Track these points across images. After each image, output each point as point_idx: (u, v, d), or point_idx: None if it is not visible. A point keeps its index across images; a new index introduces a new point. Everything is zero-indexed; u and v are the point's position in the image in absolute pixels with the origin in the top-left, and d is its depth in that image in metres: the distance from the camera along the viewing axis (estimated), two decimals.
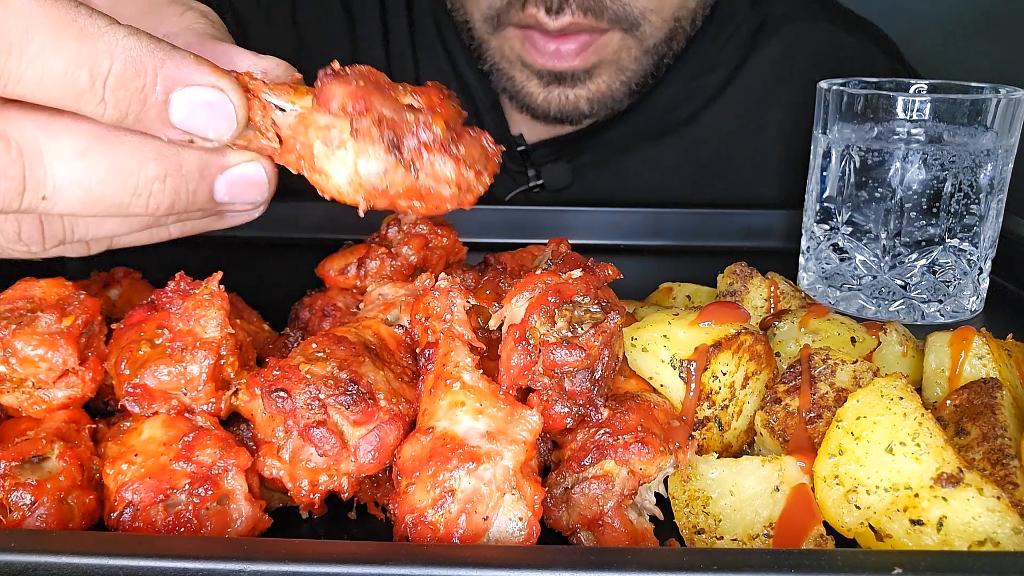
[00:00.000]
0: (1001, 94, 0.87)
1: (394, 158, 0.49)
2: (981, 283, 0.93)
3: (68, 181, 0.49)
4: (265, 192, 0.56)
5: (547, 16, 1.08)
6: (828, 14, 1.37)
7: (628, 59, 1.17)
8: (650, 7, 1.12)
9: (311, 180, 0.52)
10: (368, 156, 0.49)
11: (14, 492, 0.53)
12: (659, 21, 1.14)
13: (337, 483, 0.57)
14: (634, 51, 1.16)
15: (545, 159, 1.34)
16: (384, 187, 0.50)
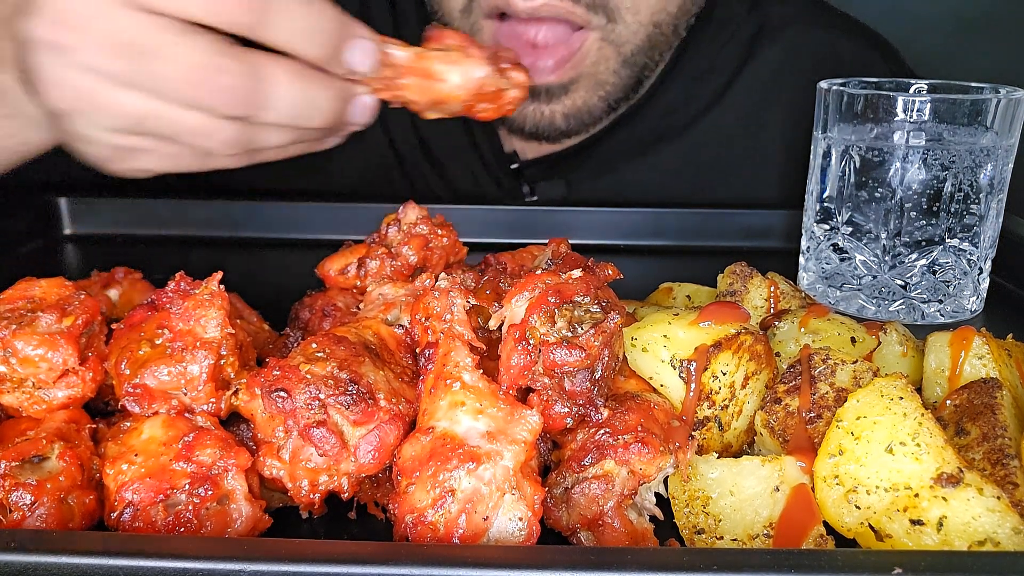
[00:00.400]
0: (1001, 94, 0.87)
1: (493, 68, 0.77)
2: (981, 283, 0.93)
3: (280, 97, 0.69)
4: (370, 116, 0.77)
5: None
6: (826, 19, 1.36)
7: (606, 72, 1.14)
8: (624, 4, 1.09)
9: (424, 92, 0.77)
10: (477, 66, 0.76)
11: (14, 492, 0.53)
12: (635, 24, 1.10)
13: (337, 483, 0.57)
14: (612, 62, 1.13)
15: (540, 175, 1.32)
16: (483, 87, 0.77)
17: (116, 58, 0.67)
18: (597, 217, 1.17)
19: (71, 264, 1.12)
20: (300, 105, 0.71)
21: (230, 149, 0.73)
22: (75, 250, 1.16)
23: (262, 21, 0.68)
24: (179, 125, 0.70)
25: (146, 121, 0.70)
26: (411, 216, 0.80)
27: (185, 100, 0.69)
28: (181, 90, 0.68)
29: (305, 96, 0.71)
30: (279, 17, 0.68)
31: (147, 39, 0.67)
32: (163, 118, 0.70)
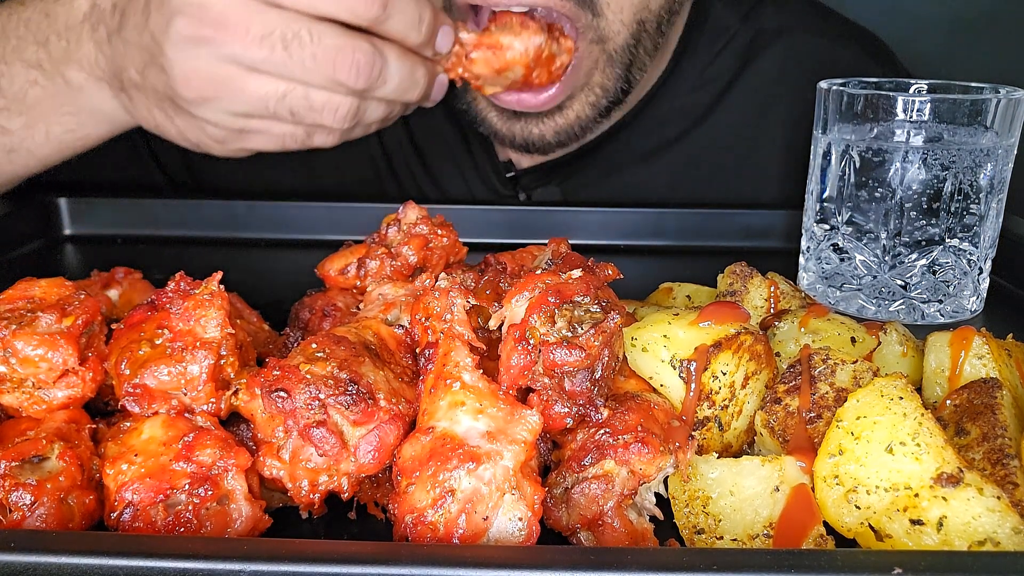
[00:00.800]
0: (1001, 94, 0.87)
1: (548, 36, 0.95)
2: (981, 283, 0.93)
3: (392, 74, 0.84)
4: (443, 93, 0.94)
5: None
6: (822, 25, 1.35)
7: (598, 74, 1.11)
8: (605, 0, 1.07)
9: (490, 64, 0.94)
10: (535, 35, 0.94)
11: (14, 492, 0.53)
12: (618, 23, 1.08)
13: (337, 483, 0.57)
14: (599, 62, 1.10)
15: (535, 183, 1.31)
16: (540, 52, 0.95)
17: (258, 47, 0.79)
18: (597, 217, 1.17)
19: (71, 264, 1.12)
20: (406, 81, 0.86)
21: (344, 123, 0.85)
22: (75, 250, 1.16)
23: (383, 15, 0.81)
24: (308, 102, 0.82)
25: (278, 102, 0.82)
26: (411, 216, 0.80)
27: (322, 78, 0.81)
28: (321, 70, 0.80)
29: (410, 73, 0.86)
30: (395, 10, 0.81)
31: (289, 28, 0.79)
32: (294, 98, 0.82)
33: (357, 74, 0.81)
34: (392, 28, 0.82)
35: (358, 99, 0.84)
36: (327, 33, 0.79)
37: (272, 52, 0.79)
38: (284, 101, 0.82)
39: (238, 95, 0.81)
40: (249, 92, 0.81)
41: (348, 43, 0.80)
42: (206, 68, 0.80)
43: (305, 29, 0.79)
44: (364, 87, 0.82)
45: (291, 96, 0.82)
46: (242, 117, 0.84)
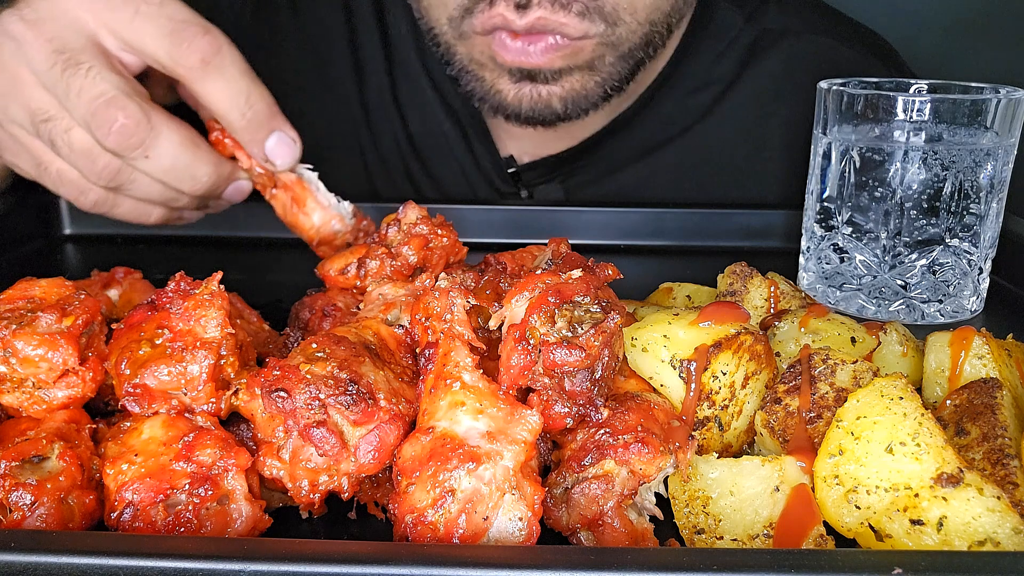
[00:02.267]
0: (1001, 94, 0.87)
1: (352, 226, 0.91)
2: (981, 283, 0.93)
3: (162, 154, 0.78)
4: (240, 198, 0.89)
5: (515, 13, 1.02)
6: (826, 25, 1.34)
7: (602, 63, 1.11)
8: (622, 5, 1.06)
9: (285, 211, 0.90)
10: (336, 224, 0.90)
11: (14, 492, 0.53)
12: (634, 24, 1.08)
13: (337, 483, 0.57)
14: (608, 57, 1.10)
15: (537, 180, 1.31)
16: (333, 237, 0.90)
17: (48, 59, 0.77)
18: (597, 217, 1.17)
19: (71, 264, 1.12)
20: (179, 170, 0.80)
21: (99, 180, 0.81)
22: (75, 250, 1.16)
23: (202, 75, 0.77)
24: (67, 139, 0.79)
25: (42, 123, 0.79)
26: (411, 216, 0.80)
27: (82, 119, 0.77)
28: (81, 108, 0.77)
29: (187, 163, 0.80)
30: (217, 75, 0.78)
31: (80, 55, 0.77)
32: (58, 127, 0.79)
33: (108, 133, 0.76)
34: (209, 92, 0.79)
35: (118, 161, 0.79)
36: (108, 80, 0.76)
37: (51, 68, 0.76)
38: (47, 126, 0.79)
39: (15, 99, 0.79)
40: (23, 100, 0.79)
41: (119, 99, 0.76)
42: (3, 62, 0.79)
43: (89, 65, 0.76)
44: (114, 149, 0.77)
45: (54, 124, 0.79)
46: (11, 123, 0.82)
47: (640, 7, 1.06)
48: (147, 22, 0.77)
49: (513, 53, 1.05)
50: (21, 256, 1.11)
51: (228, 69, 0.78)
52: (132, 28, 0.77)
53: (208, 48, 0.77)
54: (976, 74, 0.99)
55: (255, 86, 0.80)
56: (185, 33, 0.77)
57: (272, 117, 0.81)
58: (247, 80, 0.79)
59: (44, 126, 0.79)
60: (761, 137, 1.30)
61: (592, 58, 1.09)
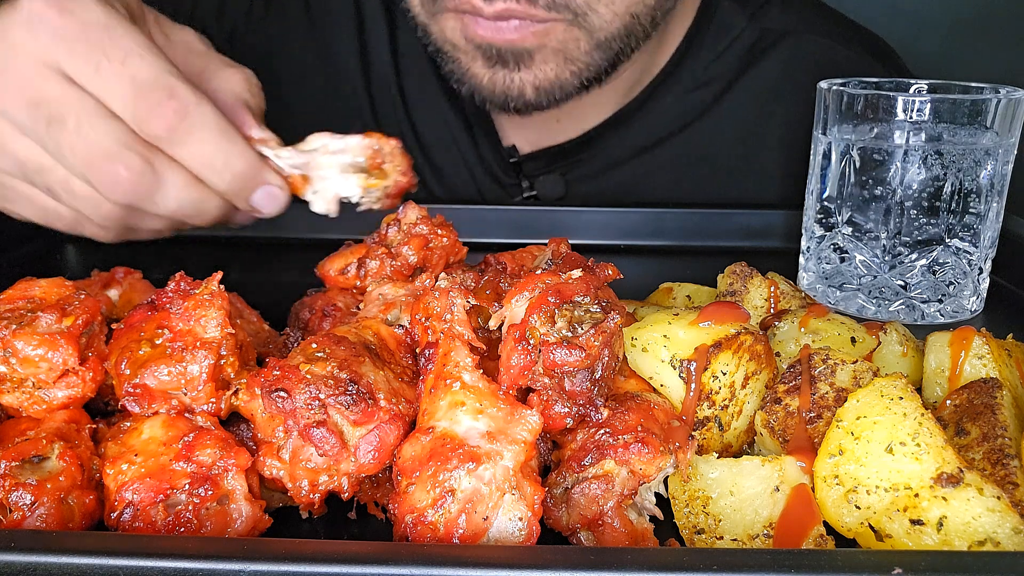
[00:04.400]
0: (1001, 94, 0.87)
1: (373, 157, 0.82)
2: (981, 283, 0.93)
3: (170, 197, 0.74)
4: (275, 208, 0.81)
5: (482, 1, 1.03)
6: (827, 26, 1.35)
7: (577, 51, 1.11)
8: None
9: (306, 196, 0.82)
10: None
11: (14, 492, 0.53)
12: (610, 15, 1.07)
13: (337, 483, 0.57)
14: (583, 44, 1.10)
15: (538, 171, 1.32)
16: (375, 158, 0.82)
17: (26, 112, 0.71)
18: (597, 217, 1.17)
19: (71, 264, 1.12)
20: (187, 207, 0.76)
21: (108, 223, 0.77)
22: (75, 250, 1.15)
23: (173, 138, 0.72)
24: (67, 187, 0.74)
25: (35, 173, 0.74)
26: (411, 216, 0.80)
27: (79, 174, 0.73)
28: (77, 164, 0.72)
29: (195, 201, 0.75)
30: (193, 139, 0.72)
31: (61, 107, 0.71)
32: (53, 177, 0.74)
33: (114, 187, 0.72)
34: (183, 157, 0.73)
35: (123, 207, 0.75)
36: (99, 130, 0.71)
37: (35, 123, 0.71)
38: (42, 176, 0.74)
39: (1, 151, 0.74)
40: (9, 151, 0.74)
41: (117, 152, 0.71)
42: None
43: (75, 117, 0.70)
44: (122, 202, 0.73)
45: (50, 174, 0.74)
46: (6, 175, 0.76)
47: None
48: (110, 80, 0.71)
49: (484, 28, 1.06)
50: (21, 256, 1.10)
51: (197, 134, 0.72)
52: (96, 83, 0.71)
53: (173, 117, 0.71)
54: (976, 74, 0.99)
55: (231, 145, 0.74)
56: (149, 100, 0.70)
57: (253, 175, 0.75)
58: (221, 142, 0.73)
59: (39, 177, 0.75)
60: (761, 136, 1.31)
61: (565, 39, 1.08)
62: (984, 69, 1.56)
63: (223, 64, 0.82)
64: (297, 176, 0.80)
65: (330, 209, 0.82)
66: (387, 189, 0.81)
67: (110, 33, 0.71)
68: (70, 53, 0.71)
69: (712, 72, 1.30)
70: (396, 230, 0.79)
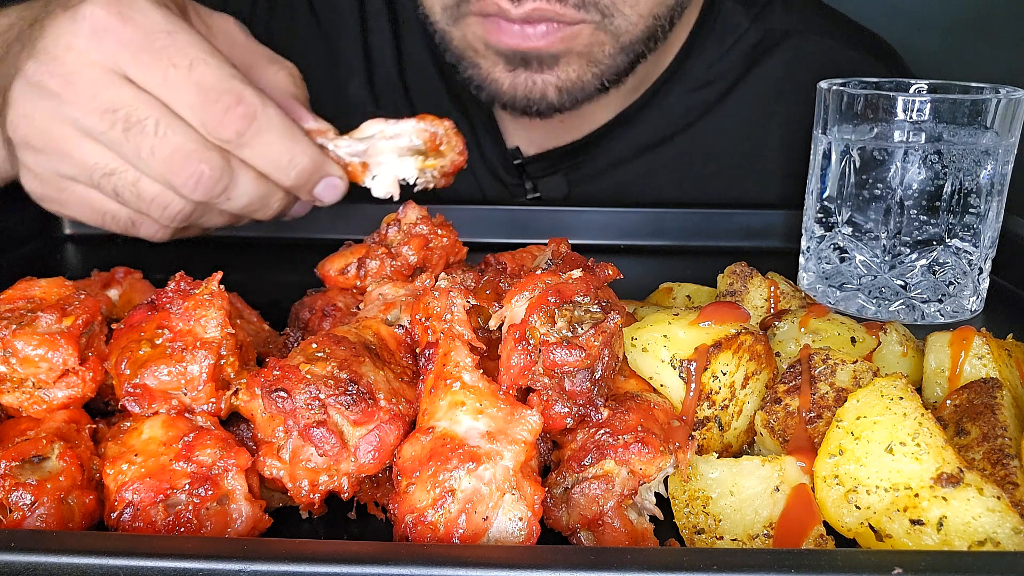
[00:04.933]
0: (1001, 94, 0.87)
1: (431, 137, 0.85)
2: (981, 283, 0.93)
3: (241, 192, 0.77)
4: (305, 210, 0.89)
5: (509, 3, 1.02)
6: (829, 27, 1.35)
7: (601, 54, 1.11)
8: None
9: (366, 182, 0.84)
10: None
11: (14, 492, 0.53)
12: (635, 16, 1.08)
13: (337, 483, 0.57)
14: (608, 48, 1.10)
15: (541, 172, 1.32)
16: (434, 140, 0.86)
17: (99, 118, 0.73)
18: (597, 217, 1.17)
19: (71, 264, 1.12)
20: (255, 204, 0.79)
21: (173, 223, 0.80)
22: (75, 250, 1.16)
23: (242, 141, 0.74)
24: (136, 189, 0.76)
25: (103, 177, 0.76)
26: (411, 216, 0.80)
27: (156, 174, 0.75)
28: (156, 166, 0.74)
29: (262, 198, 0.79)
30: (261, 141, 0.75)
31: (138, 111, 0.73)
32: (123, 180, 0.76)
33: (195, 186, 0.74)
34: (252, 159, 0.76)
35: (194, 205, 0.78)
36: (179, 132, 0.73)
37: (111, 128, 0.73)
38: (110, 179, 0.76)
39: (64, 157, 0.76)
40: (76, 157, 0.76)
41: (197, 151, 0.73)
42: (40, 119, 0.75)
43: (153, 120, 0.73)
44: (201, 200, 0.76)
45: (119, 177, 0.76)
46: (66, 179, 0.78)
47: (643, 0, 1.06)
48: (178, 87, 0.73)
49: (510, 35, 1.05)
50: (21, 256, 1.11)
51: (265, 136, 0.75)
52: (163, 90, 0.73)
53: (242, 122, 0.73)
54: (976, 74, 0.99)
55: (296, 144, 0.77)
56: (217, 106, 0.73)
57: (316, 169, 0.79)
58: (287, 141, 0.76)
59: (106, 180, 0.76)
60: (762, 136, 1.31)
61: (591, 43, 1.08)
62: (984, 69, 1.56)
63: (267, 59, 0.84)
64: (356, 164, 0.82)
65: (392, 192, 0.83)
66: (443, 168, 0.85)
67: (174, 39, 0.73)
68: (137, 61, 0.73)
69: (715, 72, 1.30)
70: (396, 230, 0.79)
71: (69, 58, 0.73)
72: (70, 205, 0.81)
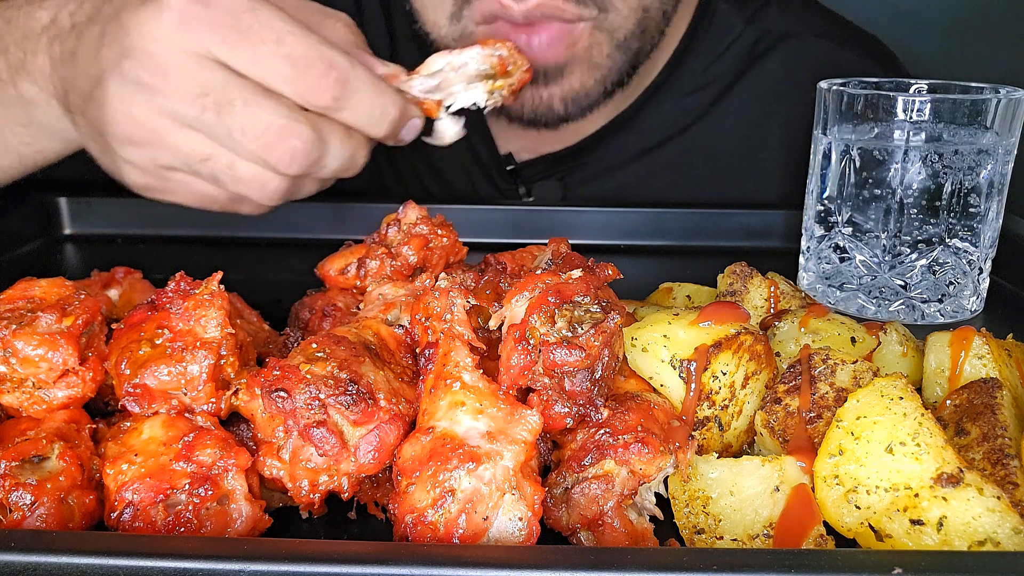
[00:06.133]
0: (1001, 94, 0.87)
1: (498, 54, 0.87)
2: (981, 283, 0.93)
3: (333, 157, 0.79)
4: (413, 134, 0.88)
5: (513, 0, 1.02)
6: (826, 28, 1.35)
7: (600, 56, 1.11)
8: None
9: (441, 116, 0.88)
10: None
11: (14, 492, 0.53)
12: (627, 10, 1.08)
13: (337, 483, 0.57)
14: (605, 47, 1.10)
15: (536, 177, 1.32)
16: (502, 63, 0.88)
17: (191, 104, 0.75)
18: (597, 217, 1.17)
19: (71, 264, 1.12)
20: (345, 161, 0.81)
21: (271, 201, 0.82)
22: (75, 250, 1.16)
23: (339, 105, 0.77)
24: (233, 171, 0.79)
25: (200, 163, 0.79)
26: (411, 216, 0.80)
27: (250, 153, 0.77)
28: (250, 145, 0.76)
29: (351, 156, 0.81)
30: (355, 101, 0.77)
31: (227, 93, 0.75)
32: (218, 164, 0.78)
33: (291, 160, 0.76)
34: (348, 119, 0.78)
35: (291, 179, 0.80)
36: (267, 109, 0.75)
37: (203, 112, 0.75)
38: (207, 164, 0.78)
39: (163, 147, 0.78)
40: (174, 146, 0.78)
41: (288, 126, 0.75)
42: (139, 114, 0.77)
43: (242, 99, 0.75)
44: (298, 174, 0.78)
45: (215, 161, 0.78)
46: (166, 169, 0.80)
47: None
48: (270, 63, 0.74)
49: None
50: (21, 256, 1.11)
51: (358, 95, 0.77)
52: (255, 68, 0.75)
53: (337, 87, 0.75)
54: (976, 74, 0.99)
55: (384, 97, 0.79)
56: (311, 76, 0.75)
57: (403, 115, 0.82)
58: (377, 96, 0.78)
59: (203, 165, 0.78)
60: (761, 139, 1.30)
61: (590, 45, 1.08)
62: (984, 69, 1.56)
63: (321, 14, 0.85)
64: (431, 101, 0.86)
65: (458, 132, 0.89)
66: (511, 87, 0.88)
67: (257, 16, 0.75)
68: (226, 43, 0.74)
69: (710, 75, 1.29)
70: (396, 230, 0.79)
71: (160, 50, 0.75)
72: (173, 192, 0.83)
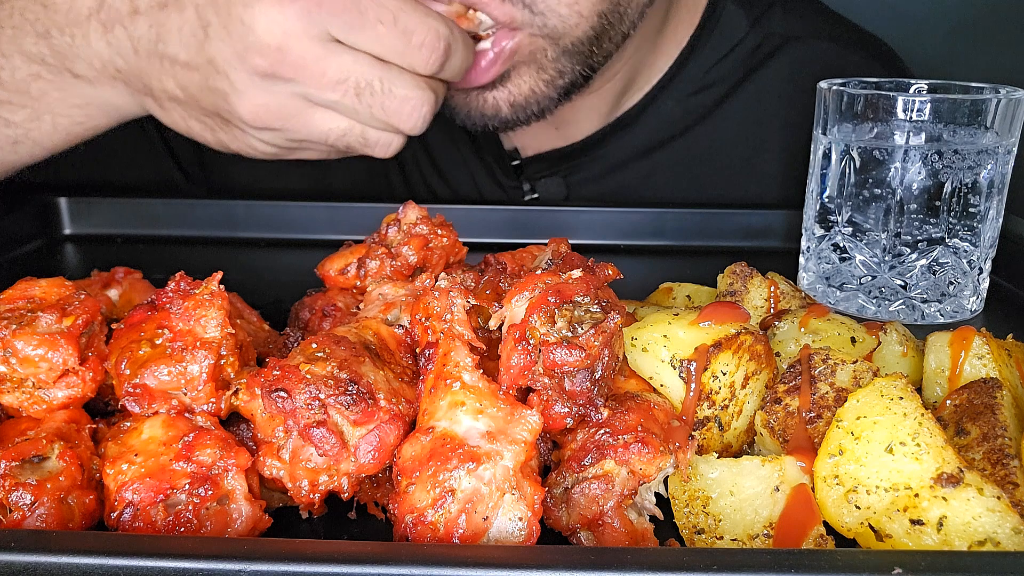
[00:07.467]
0: (1001, 94, 0.87)
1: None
2: (981, 283, 0.93)
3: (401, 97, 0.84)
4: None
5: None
6: (830, 31, 1.34)
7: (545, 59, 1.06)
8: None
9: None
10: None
11: (14, 492, 0.53)
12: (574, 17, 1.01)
13: (337, 483, 0.57)
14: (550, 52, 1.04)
15: (540, 174, 1.32)
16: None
17: (332, 89, 0.82)
18: (597, 217, 1.17)
19: (71, 264, 1.12)
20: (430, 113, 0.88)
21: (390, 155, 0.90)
22: (75, 250, 1.16)
23: (443, 68, 0.85)
24: (364, 139, 0.87)
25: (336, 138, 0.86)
26: (411, 216, 0.80)
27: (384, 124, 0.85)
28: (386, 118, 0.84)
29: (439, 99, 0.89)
30: (454, 60, 0.86)
31: (363, 76, 0.82)
32: (352, 136, 0.86)
33: (422, 124, 0.86)
34: (446, 76, 0.87)
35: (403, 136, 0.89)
36: (397, 83, 0.83)
37: (344, 96, 0.82)
38: (343, 138, 0.86)
39: (302, 127, 0.85)
40: (313, 126, 0.85)
41: (420, 96, 0.84)
42: (276, 103, 0.83)
43: (377, 79, 0.82)
44: (419, 132, 0.87)
45: (351, 134, 0.86)
46: (298, 141, 0.88)
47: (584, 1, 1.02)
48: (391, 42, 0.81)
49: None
50: (21, 256, 1.11)
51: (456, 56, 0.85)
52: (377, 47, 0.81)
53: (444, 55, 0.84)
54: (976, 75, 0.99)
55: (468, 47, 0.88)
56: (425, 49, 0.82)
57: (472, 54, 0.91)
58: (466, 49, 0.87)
59: (341, 139, 0.86)
60: (764, 140, 1.30)
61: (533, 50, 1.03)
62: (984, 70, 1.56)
63: None
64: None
65: None
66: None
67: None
68: (349, 27, 0.80)
69: (714, 76, 1.29)
70: (396, 230, 0.79)
71: (289, 42, 0.80)
72: (305, 152, 0.92)
